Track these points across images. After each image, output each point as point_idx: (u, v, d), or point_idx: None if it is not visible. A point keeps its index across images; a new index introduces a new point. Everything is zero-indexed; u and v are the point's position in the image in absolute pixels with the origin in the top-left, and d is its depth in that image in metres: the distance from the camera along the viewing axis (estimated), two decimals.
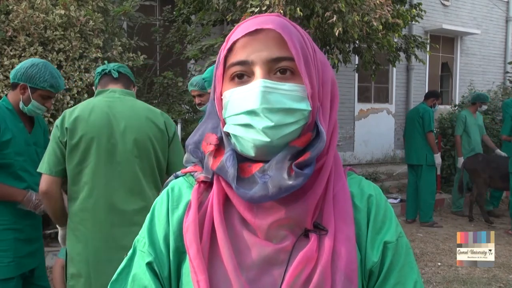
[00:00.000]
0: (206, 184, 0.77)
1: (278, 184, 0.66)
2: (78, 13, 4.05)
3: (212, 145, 0.75)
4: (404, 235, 0.79)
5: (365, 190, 0.79)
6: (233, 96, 0.70)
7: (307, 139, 0.70)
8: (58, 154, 1.88)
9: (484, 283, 3.83)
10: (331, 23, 4.13)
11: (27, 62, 2.29)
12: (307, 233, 0.70)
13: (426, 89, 10.35)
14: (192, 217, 0.72)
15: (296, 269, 0.67)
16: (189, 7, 5.63)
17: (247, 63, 0.69)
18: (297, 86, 0.69)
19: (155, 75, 5.63)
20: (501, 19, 11.60)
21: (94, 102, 1.96)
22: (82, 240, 1.88)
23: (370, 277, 0.74)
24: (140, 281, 0.74)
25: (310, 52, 0.72)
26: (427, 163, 5.62)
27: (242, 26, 0.72)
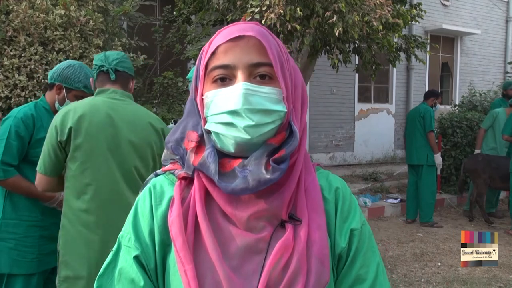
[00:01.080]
0: (187, 181, 0.82)
1: (257, 178, 0.73)
2: (78, 13, 4.06)
3: (193, 142, 0.80)
4: (367, 223, 0.88)
5: (332, 183, 0.87)
6: (216, 97, 0.76)
7: (282, 138, 0.77)
8: (52, 156, 1.88)
9: (484, 283, 3.83)
10: (331, 23, 4.13)
11: (64, 63, 2.40)
12: (283, 223, 0.77)
13: (426, 89, 10.34)
14: (176, 212, 0.77)
15: (275, 257, 0.73)
16: (189, 7, 5.64)
17: (230, 67, 0.75)
18: (274, 89, 0.76)
19: (155, 75, 5.64)
20: (501, 19, 11.60)
21: (97, 103, 1.95)
22: (84, 241, 1.86)
23: (339, 261, 0.83)
24: (127, 274, 0.79)
25: (285, 59, 0.80)
26: (427, 163, 5.61)
27: (224, 32, 0.78)
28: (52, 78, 2.36)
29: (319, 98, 8.78)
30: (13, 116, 2.28)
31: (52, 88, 2.36)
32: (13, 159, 2.19)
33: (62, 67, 2.36)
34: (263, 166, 0.73)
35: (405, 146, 6.06)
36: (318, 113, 8.81)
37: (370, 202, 6.23)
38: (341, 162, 9.11)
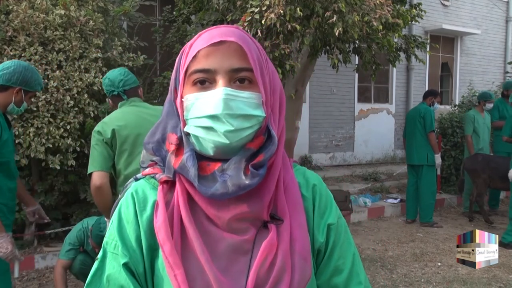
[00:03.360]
0: (169, 184, 0.82)
1: (237, 183, 0.74)
2: (78, 13, 4.05)
3: (173, 145, 0.81)
4: (342, 216, 0.91)
5: (309, 180, 0.90)
6: (197, 101, 0.76)
7: (260, 142, 0.78)
8: (105, 153, 2.25)
9: (484, 283, 3.82)
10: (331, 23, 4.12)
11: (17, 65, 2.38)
12: (266, 224, 0.79)
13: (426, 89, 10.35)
14: (162, 217, 0.77)
15: (261, 256, 0.76)
16: (189, 7, 5.63)
17: (211, 71, 0.76)
18: (254, 94, 0.77)
19: (155, 75, 5.63)
20: (501, 19, 11.60)
21: (126, 110, 2.40)
22: None
23: (317, 255, 0.86)
24: (116, 281, 0.79)
25: (264, 63, 0.80)
26: (428, 163, 5.60)
27: (205, 35, 0.79)
28: (9, 81, 2.35)
29: (319, 98, 8.78)
30: None
31: (6, 90, 2.36)
32: None
33: (19, 70, 2.37)
34: (242, 171, 0.74)
35: (405, 146, 6.05)
36: (318, 113, 8.81)
37: (370, 202, 6.23)
38: (341, 162, 9.11)
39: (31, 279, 3.89)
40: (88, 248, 3.18)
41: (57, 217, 4.45)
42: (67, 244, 3.17)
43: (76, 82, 3.96)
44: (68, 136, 3.91)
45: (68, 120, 3.92)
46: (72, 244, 3.17)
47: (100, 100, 4.35)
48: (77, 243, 3.17)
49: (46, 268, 4.10)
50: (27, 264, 4.06)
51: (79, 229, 3.20)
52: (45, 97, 3.84)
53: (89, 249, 3.18)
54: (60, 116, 3.93)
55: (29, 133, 3.78)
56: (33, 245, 4.34)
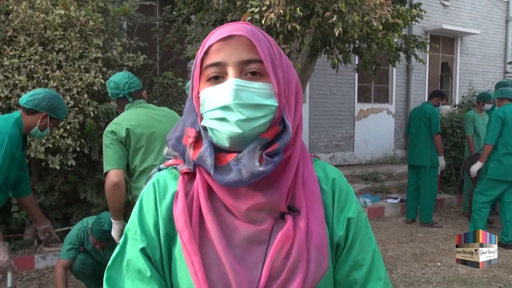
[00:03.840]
0: (189, 175, 0.85)
1: (250, 170, 0.75)
2: (78, 13, 4.05)
3: (191, 138, 0.84)
4: (363, 211, 0.91)
5: (329, 174, 0.91)
6: (209, 94, 0.79)
7: (275, 132, 0.79)
8: (120, 151, 2.36)
9: (484, 283, 3.82)
10: (331, 23, 4.12)
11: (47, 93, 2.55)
12: (283, 215, 0.80)
13: (426, 89, 10.36)
14: (181, 205, 0.80)
15: (277, 247, 0.77)
16: (189, 7, 5.63)
17: (221, 64, 0.79)
18: (265, 84, 0.78)
19: (155, 75, 5.63)
20: (501, 19, 11.60)
21: (135, 111, 2.52)
22: None
23: (337, 249, 0.87)
24: (134, 265, 0.82)
25: (277, 56, 0.82)
26: (431, 164, 5.56)
27: (216, 32, 0.82)
28: (37, 106, 2.50)
29: (319, 98, 8.78)
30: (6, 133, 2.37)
31: (33, 114, 2.52)
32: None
33: (48, 97, 2.53)
34: (256, 159, 0.76)
35: (407, 146, 6.02)
36: (318, 113, 8.81)
37: (370, 202, 6.23)
38: (341, 162, 9.10)
39: (31, 279, 3.89)
40: (88, 247, 3.18)
41: (57, 217, 4.45)
42: (67, 244, 3.18)
43: (76, 82, 3.95)
44: (68, 136, 3.91)
45: (68, 120, 3.92)
46: (72, 243, 3.17)
47: (100, 100, 4.34)
48: (77, 242, 3.17)
49: (46, 268, 4.10)
50: (27, 264, 4.07)
51: (79, 229, 3.20)
52: None
53: (89, 248, 3.19)
54: None
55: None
56: (33, 245, 4.34)
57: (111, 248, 3.20)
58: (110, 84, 2.65)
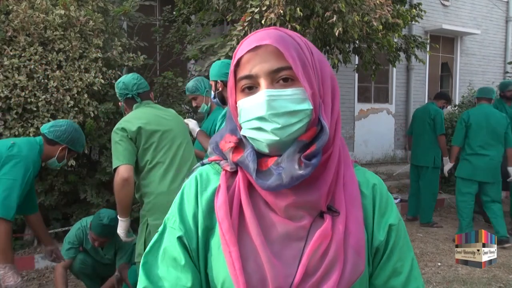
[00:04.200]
0: (231, 172, 0.88)
1: (290, 174, 0.77)
2: (78, 13, 4.05)
3: (232, 143, 0.87)
4: (401, 218, 0.92)
5: (369, 179, 0.91)
6: (245, 105, 0.82)
7: (313, 133, 0.80)
8: (130, 147, 2.41)
9: (484, 283, 3.82)
10: (331, 23, 4.12)
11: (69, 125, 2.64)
12: (322, 214, 0.81)
13: (426, 89, 10.36)
14: (223, 198, 0.83)
15: (315, 244, 0.78)
16: (189, 7, 5.63)
17: (252, 76, 0.80)
18: (298, 89, 0.79)
19: (155, 75, 5.63)
20: (501, 19, 11.60)
21: (143, 110, 2.59)
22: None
23: (375, 254, 0.87)
24: (170, 253, 0.85)
25: (308, 56, 0.82)
26: (434, 165, 5.55)
27: (245, 42, 0.83)
28: (58, 138, 2.58)
29: None
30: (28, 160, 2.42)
31: (53, 145, 2.59)
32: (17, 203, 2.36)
33: (69, 130, 2.61)
34: (295, 163, 0.77)
35: (410, 146, 6.01)
36: None
37: None
38: None
39: (31, 279, 3.89)
40: (88, 246, 3.18)
41: (57, 217, 4.45)
42: (67, 243, 3.18)
43: (76, 82, 3.95)
44: None
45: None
46: (72, 243, 3.17)
47: (100, 100, 4.35)
48: (76, 242, 3.18)
49: (46, 268, 4.10)
50: (27, 264, 4.07)
51: (78, 228, 3.21)
52: (45, 97, 3.84)
53: (88, 248, 3.19)
54: (60, 116, 3.93)
55: (29, 133, 3.78)
56: (33, 245, 4.34)
57: (110, 246, 3.20)
58: (119, 84, 2.70)
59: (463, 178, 4.91)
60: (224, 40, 4.65)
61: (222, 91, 2.75)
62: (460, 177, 4.95)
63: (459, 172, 4.98)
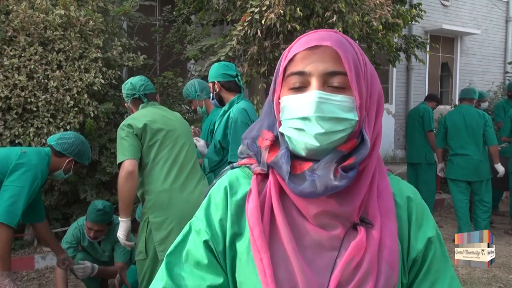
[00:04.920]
0: (262, 176, 0.85)
1: (325, 183, 0.75)
2: (78, 13, 4.05)
3: (268, 141, 0.84)
4: (438, 228, 0.90)
5: (403, 189, 0.89)
6: (290, 102, 0.79)
7: (353, 145, 0.78)
8: (135, 143, 2.44)
9: (484, 283, 3.82)
10: (331, 23, 4.12)
11: (76, 138, 2.67)
12: (355, 226, 0.79)
13: (426, 89, 10.35)
14: (254, 203, 0.80)
15: (349, 256, 0.76)
16: (189, 7, 5.63)
17: (305, 74, 0.78)
18: (347, 97, 0.77)
19: (155, 75, 5.63)
20: (501, 19, 11.60)
21: (149, 109, 2.64)
22: (173, 206, 2.44)
23: (413, 265, 0.84)
24: (193, 256, 0.84)
25: (362, 67, 0.80)
26: (426, 161, 5.67)
27: (303, 40, 0.81)
28: (66, 150, 2.61)
29: None
30: (40, 170, 2.45)
31: (60, 157, 2.62)
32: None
33: (77, 142, 2.64)
34: (331, 172, 0.75)
35: (407, 145, 6.09)
36: None
37: None
38: None
39: (31, 279, 3.89)
40: (85, 244, 3.20)
41: (57, 217, 4.45)
42: (65, 243, 3.20)
43: (76, 82, 3.95)
44: None
45: (68, 120, 3.92)
46: (69, 242, 3.20)
47: (100, 100, 4.35)
48: (74, 241, 3.20)
49: (46, 268, 4.10)
50: (27, 264, 4.07)
51: (75, 228, 3.24)
52: (45, 97, 3.84)
53: (86, 245, 3.21)
54: (60, 116, 3.93)
55: (29, 133, 3.78)
56: (33, 245, 4.34)
57: (107, 242, 3.22)
58: (127, 85, 2.75)
59: (451, 178, 5.01)
60: (224, 40, 4.65)
61: (219, 91, 2.80)
62: (448, 178, 5.05)
63: (447, 173, 5.09)
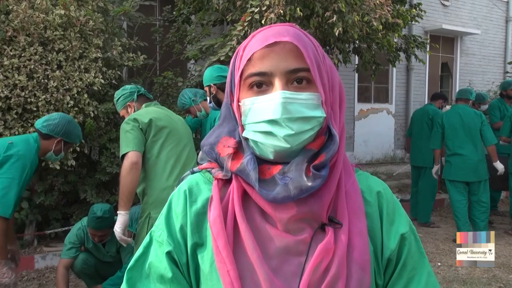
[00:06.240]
0: (223, 181, 0.81)
1: (299, 186, 0.71)
2: (78, 13, 4.05)
3: (230, 148, 0.79)
4: (412, 222, 0.87)
5: (373, 186, 0.85)
6: (255, 105, 0.75)
7: (321, 142, 0.76)
8: (140, 136, 2.45)
9: (484, 283, 3.82)
10: (331, 23, 4.12)
11: (62, 118, 2.64)
12: (323, 226, 0.75)
13: (426, 89, 10.36)
14: (217, 212, 0.76)
15: (316, 260, 0.72)
16: (189, 7, 5.63)
17: (267, 74, 0.74)
18: (312, 94, 0.74)
19: (155, 75, 5.63)
20: (501, 19, 11.60)
21: (154, 108, 2.68)
22: None
23: (388, 265, 0.81)
24: (156, 269, 0.79)
25: (321, 59, 0.77)
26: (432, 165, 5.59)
27: (259, 36, 0.76)
28: (52, 131, 2.59)
29: None
30: (26, 158, 2.44)
31: (48, 139, 2.60)
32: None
33: (62, 122, 2.61)
34: (303, 173, 0.72)
35: (409, 146, 6.03)
36: None
37: None
38: None
39: (31, 279, 3.89)
40: (89, 245, 3.19)
41: (57, 217, 4.45)
42: (68, 243, 3.19)
43: (76, 82, 3.95)
44: None
45: None
46: (72, 242, 3.18)
47: (100, 100, 4.35)
48: (77, 241, 3.19)
49: (46, 268, 4.10)
50: (27, 264, 4.07)
51: (78, 228, 3.22)
52: (45, 97, 3.84)
53: (90, 247, 3.19)
54: None
55: (29, 133, 3.78)
56: (33, 245, 4.34)
57: (112, 243, 3.21)
58: (128, 85, 2.85)
59: (448, 179, 4.98)
60: (224, 40, 4.65)
61: (216, 94, 2.82)
62: (447, 179, 5.02)
63: (444, 174, 5.06)
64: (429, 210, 5.71)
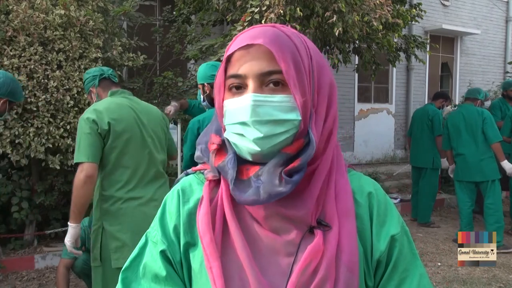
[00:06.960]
0: (215, 182, 0.82)
1: (268, 190, 0.71)
2: (78, 13, 4.05)
3: (215, 145, 0.81)
4: (405, 224, 0.85)
5: (364, 186, 0.84)
6: (229, 107, 0.76)
7: (299, 146, 0.74)
8: (98, 145, 2.23)
9: (484, 283, 3.82)
10: (331, 23, 4.12)
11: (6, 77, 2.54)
12: (312, 229, 0.75)
13: (426, 89, 10.36)
14: (204, 210, 0.77)
15: (305, 261, 0.72)
16: (189, 7, 5.63)
17: (241, 76, 0.74)
18: (287, 97, 0.73)
19: (155, 75, 5.63)
20: (501, 19, 11.60)
21: (119, 101, 2.39)
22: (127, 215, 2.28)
23: (378, 267, 0.80)
24: (151, 269, 0.81)
25: (304, 60, 0.75)
26: (433, 166, 5.58)
27: (238, 38, 0.77)
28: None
29: None
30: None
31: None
32: None
33: (7, 82, 2.54)
34: (276, 177, 0.71)
35: (409, 146, 6.02)
36: None
37: None
38: None
39: (31, 279, 3.89)
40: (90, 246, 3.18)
41: (57, 217, 4.45)
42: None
43: (76, 82, 3.95)
44: (68, 136, 3.91)
45: (68, 120, 3.92)
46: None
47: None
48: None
49: (46, 268, 4.10)
50: (27, 264, 4.07)
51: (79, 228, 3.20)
52: (45, 97, 3.84)
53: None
54: (60, 116, 3.93)
55: (29, 133, 3.78)
56: (33, 245, 4.34)
57: None
58: (92, 69, 2.64)
59: (456, 180, 4.97)
60: (224, 40, 4.65)
61: (210, 93, 2.78)
62: (454, 179, 5.02)
63: (454, 175, 5.04)
64: (429, 210, 5.70)
